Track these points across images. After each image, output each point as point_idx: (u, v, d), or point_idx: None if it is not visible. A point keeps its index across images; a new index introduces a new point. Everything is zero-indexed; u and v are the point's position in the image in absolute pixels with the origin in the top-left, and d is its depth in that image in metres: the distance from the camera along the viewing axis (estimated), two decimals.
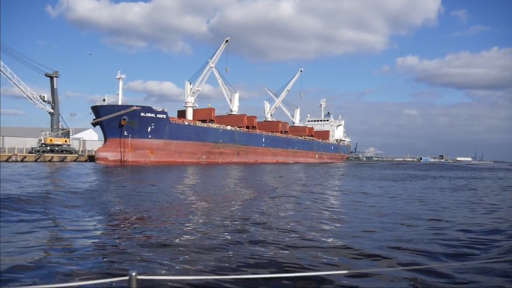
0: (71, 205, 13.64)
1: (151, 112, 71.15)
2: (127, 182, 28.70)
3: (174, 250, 9.17)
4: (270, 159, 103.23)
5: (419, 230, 12.52)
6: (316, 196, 22.48)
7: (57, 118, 78.95)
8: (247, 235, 10.95)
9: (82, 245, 9.58)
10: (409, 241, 10.68)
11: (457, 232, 12.17)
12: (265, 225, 12.68)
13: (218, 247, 9.49)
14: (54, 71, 78.92)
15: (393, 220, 14.25)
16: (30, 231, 10.90)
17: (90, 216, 13.61)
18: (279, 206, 17.67)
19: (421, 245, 10.13)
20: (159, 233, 11.04)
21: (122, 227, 12.01)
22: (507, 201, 22.53)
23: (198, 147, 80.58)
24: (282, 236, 10.90)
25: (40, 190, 19.45)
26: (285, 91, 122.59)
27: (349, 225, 13.15)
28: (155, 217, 13.86)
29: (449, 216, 15.68)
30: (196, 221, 13.14)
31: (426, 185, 34.42)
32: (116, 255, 8.75)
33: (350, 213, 16.17)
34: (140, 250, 9.07)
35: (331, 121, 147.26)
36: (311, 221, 13.60)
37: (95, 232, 11.25)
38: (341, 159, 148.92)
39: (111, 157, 68.15)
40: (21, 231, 10.84)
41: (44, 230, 11.30)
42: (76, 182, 25.99)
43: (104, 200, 16.72)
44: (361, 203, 19.61)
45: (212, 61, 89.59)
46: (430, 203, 20.57)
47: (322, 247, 9.74)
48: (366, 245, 9.92)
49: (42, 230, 11.28)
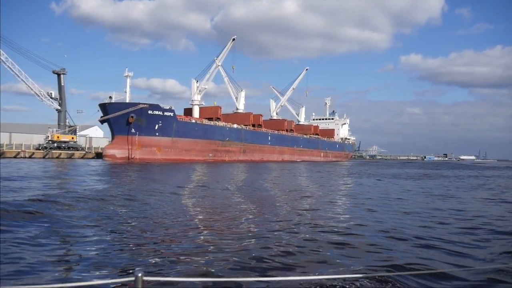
0: (77, 217, 12.84)
1: (159, 110, 71.24)
2: (137, 181, 28.16)
3: (181, 251, 9.10)
4: (276, 157, 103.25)
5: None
6: (361, 200, 20.27)
7: (64, 115, 79.16)
8: (260, 238, 10.72)
9: (88, 245, 9.49)
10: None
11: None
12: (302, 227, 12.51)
13: (228, 248, 9.39)
14: (62, 68, 79.08)
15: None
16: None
17: (96, 220, 13.00)
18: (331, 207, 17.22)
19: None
20: (166, 235, 10.91)
21: (128, 228, 11.69)
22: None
23: (205, 145, 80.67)
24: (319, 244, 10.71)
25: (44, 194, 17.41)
26: (291, 90, 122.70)
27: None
28: (163, 219, 13.44)
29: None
30: (208, 223, 12.85)
31: (460, 185, 33.72)
32: (122, 256, 8.66)
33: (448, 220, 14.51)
34: (147, 251, 9.03)
35: (336, 119, 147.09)
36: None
37: (100, 232, 11.04)
38: (346, 158, 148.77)
39: (118, 154, 68.30)
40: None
41: (48, 229, 11.02)
42: (85, 183, 25.11)
43: (112, 210, 14.85)
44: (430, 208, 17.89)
45: (218, 60, 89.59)
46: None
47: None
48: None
49: (47, 228, 11.02)
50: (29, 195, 16.79)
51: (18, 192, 18.42)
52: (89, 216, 13.10)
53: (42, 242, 9.43)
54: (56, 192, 18.72)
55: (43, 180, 25.89)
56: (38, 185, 21.99)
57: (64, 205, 14.59)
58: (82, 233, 10.65)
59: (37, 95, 75.31)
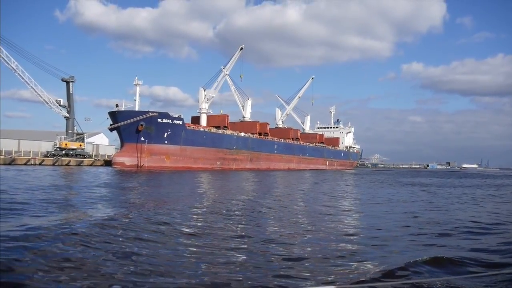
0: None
1: (168, 118, 71.53)
2: (145, 200, 22.06)
3: (162, 264, 8.83)
4: (282, 165, 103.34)
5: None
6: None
7: (73, 122, 79.43)
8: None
9: (64, 258, 8.91)
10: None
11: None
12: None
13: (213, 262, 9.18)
14: (71, 76, 79.54)
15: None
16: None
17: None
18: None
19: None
20: (148, 248, 10.42)
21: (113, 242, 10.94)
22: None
23: (213, 153, 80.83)
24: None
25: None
26: (297, 98, 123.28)
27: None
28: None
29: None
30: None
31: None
32: (101, 270, 8.28)
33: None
34: (126, 266, 8.64)
35: (341, 128, 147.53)
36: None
37: (80, 245, 10.28)
38: (350, 166, 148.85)
39: (127, 162, 68.43)
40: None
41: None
42: (93, 203, 19.63)
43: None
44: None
45: (226, 68, 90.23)
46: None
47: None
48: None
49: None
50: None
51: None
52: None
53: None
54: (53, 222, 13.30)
55: (46, 193, 22.78)
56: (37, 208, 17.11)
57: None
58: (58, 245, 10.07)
59: (46, 102, 75.60)
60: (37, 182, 30.75)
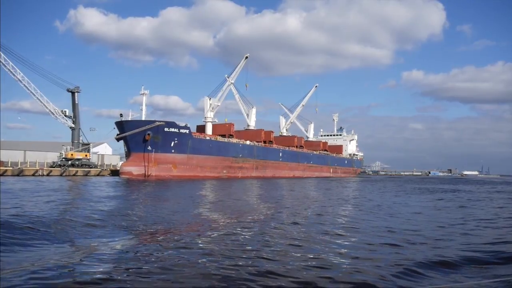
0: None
1: (175, 127, 71.59)
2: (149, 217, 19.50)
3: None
4: (287, 173, 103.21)
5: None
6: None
7: (78, 132, 79.36)
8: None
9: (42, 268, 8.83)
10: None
11: None
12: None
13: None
14: (76, 87, 79.61)
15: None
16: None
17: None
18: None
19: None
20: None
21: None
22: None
23: (219, 161, 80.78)
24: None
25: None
26: (300, 106, 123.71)
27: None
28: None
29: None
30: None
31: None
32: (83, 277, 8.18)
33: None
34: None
35: (344, 135, 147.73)
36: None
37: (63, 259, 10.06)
38: (354, 174, 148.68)
39: (135, 172, 68.27)
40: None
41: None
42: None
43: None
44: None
45: (231, 77, 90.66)
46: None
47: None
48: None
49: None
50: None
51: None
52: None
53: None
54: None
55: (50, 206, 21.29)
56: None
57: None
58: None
59: (52, 113, 75.66)
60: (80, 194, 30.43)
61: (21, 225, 14.13)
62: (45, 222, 15.26)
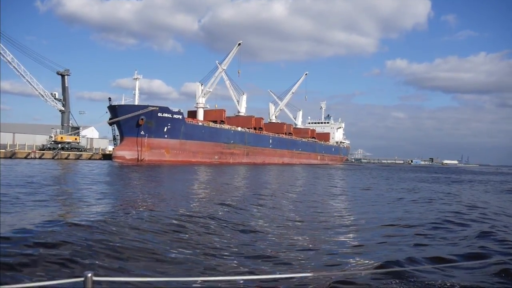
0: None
1: (168, 113, 71.86)
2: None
3: (134, 252, 8.71)
4: (276, 160, 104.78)
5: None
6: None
7: (68, 116, 78.91)
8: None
9: (37, 244, 8.79)
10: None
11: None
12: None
13: (185, 251, 9.02)
14: (65, 69, 78.73)
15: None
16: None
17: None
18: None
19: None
20: (121, 235, 10.29)
21: (85, 227, 10.94)
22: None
23: (211, 147, 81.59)
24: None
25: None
26: (290, 94, 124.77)
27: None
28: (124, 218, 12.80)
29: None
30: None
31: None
32: (73, 256, 8.10)
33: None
34: (100, 252, 8.55)
35: (331, 123, 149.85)
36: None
37: (53, 231, 10.07)
38: (341, 161, 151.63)
39: (128, 156, 68.58)
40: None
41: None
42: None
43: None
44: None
45: (224, 64, 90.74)
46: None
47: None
48: None
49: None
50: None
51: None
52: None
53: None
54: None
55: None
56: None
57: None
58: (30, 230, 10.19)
59: (42, 96, 74.80)
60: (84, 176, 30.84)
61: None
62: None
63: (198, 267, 8.15)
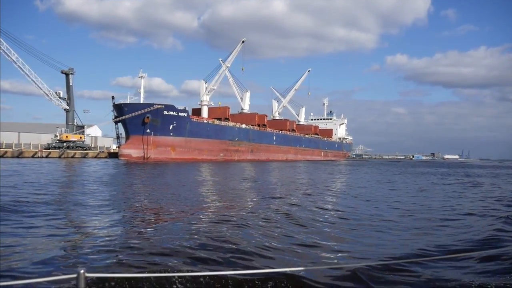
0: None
1: (173, 110, 71.94)
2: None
3: (128, 249, 8.64)
4: (280, 156, 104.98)
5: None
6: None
7: (72, 114, 78.99)
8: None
9: (29, 241, 8.83)
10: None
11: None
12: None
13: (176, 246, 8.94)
14: (70, 68, 78.72)
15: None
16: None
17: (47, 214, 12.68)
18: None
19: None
20: (116, 231, 10.29)
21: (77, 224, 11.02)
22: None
23: (216, 144, 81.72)
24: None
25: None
26: (293, 90, 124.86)
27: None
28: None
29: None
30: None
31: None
32: (66, 253, 8.13)
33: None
34: (93, 249, 8.58)
35: (334, 119, 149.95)
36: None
37: (46, 228, 10.18)
38: (343, 157, 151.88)
39: (134, 154, 68.68)
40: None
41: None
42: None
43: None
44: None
45: (228, 61, 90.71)
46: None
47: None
48: None
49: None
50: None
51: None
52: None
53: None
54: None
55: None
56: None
57: None
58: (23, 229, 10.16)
59: (46, 94, 74.82)
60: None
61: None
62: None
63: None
